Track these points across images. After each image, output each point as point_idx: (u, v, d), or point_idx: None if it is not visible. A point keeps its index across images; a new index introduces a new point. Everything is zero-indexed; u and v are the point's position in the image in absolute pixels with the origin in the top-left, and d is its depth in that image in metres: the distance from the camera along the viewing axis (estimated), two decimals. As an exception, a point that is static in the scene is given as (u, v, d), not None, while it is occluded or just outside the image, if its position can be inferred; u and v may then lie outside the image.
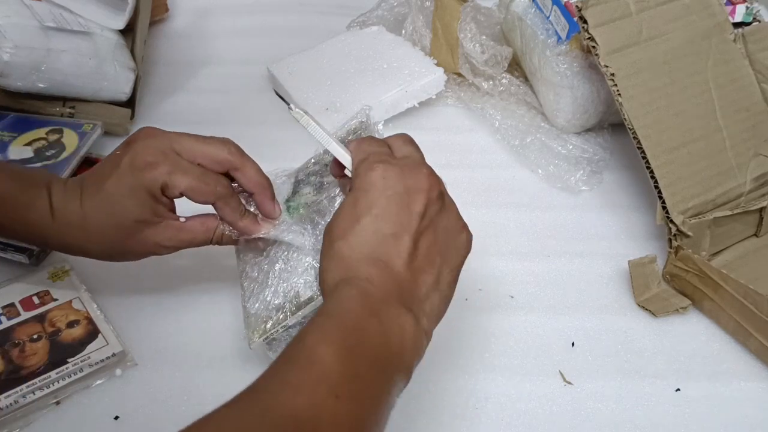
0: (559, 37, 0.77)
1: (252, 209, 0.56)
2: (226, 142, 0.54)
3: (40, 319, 0.59)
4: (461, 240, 0.48)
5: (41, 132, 0.74)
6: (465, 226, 0.49)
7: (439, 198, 0.47)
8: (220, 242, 0.56)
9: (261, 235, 0.55)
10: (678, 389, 0.58)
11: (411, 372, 0.43)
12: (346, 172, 0.51)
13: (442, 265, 0.46)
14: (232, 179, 0.55)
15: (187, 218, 0.55)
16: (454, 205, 0.49)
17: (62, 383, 0.55)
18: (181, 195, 0.52)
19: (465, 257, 0.48)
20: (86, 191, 0.52)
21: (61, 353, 0.56)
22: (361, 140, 0.50)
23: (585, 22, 0.67)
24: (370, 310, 0.42)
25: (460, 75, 0.86)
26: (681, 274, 0.64)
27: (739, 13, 0.82)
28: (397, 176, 0.46)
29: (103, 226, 0.52)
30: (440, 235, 0.46)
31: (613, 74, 0.66)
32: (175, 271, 0.65)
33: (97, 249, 0.54)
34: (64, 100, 0.78)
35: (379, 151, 0.48)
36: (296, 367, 0.38)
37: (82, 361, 0.56)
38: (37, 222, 0.52)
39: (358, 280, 0.43)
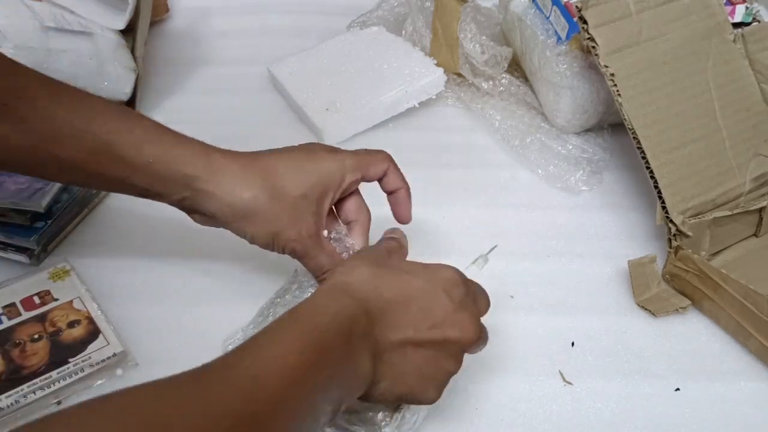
0: (559, 38, 0.77)
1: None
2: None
3: (41, 319, 0.59)
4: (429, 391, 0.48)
5: (42, 132, 0.74)
6: (443, 386, 0.49)
7: (466, 346, 0.49)
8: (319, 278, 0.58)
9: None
10: (678, 389, 0.58)
11: (349, 398, 0.44)
12: None
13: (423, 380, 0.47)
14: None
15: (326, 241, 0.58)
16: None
17: (63, 383, 0.55)
18: (380, 177, 0.57)
19: (416, 401, 0.49)
20: (262, 153, 0.55)
21: (62, 353, 0.56)
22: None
23: (585, 22, 0.67)
24: (349, 332, 0.43)
25: (460, 75, 0.86)
26: (681, 274, 0.64)
27: (739, 13, 0.82)
28: (469, 305, 0.49)
29: (279, 185, 0.53)
30: (439, 361, 0.47)
31: (612, 74, 0.66)
32: (176, 271, 0.65)
33: (243, 207, 0.53)
34: (65, 100, 0.78)
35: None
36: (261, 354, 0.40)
37: (83, 361, 0.56)
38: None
39: (358, 302, 0.44)
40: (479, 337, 0.49)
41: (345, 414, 0.49)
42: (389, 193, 0.59)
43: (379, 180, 0.58)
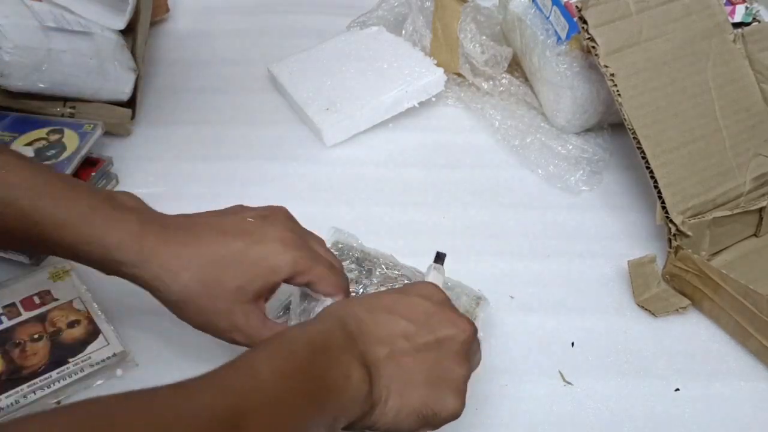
0: (559, 38, 0.77)
1: None
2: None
3: (41, 319, 0.59)
4: (449, 399, 0.45)
5: (42, 132, 0.74)
6: (462, 392, 0.46)
7: (465, 343, 0.47)
8: None
9: None
10: (678, 389, 0.58)
11: (346, 414, 0.42)
12: None
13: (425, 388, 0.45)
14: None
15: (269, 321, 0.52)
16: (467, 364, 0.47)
17: (63, 383, 0.55)
18: (305, 284, 0.51)
19: (440, 417, 0.46)
20: (203, 232, 0.50)
21: (61, 353, 0.56)
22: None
23: (585, 22, 0.67)
24: (324, 346, 0.43)
25: (460, 75, 0.86)
26: (681, 274, 0.64)
27: (739, 14, 0.82)
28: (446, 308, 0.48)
29: (212, 277, 0.49)
30: (441, 363, 0.46)
31: (612, 74, 0.66)
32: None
33: (179, 294, 0.49)
34: (65, 100, 0.78)
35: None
36: (237, 373, 0.39)
37: (83, 361, 0.56)
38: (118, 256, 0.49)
39: (331, 322, 0.44)
40: (471, 329, 0.47)
41: None
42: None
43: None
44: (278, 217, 0.53)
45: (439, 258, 0.56)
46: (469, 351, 0.47)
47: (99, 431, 0.33)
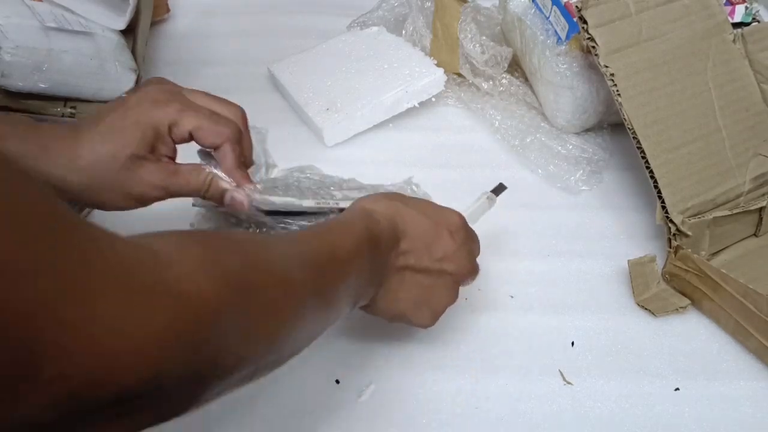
0: (559, 38, 0.77)
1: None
2: (237, 106, 0.56)
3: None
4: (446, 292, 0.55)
5: (42, 132, 0.74)
6: (438, 315, 0.55)
7: (460, 281, 0.56)
8: (207, 195, 0.55)
9: (252, 193, 0.55)
10: (677, 388, 0.58)
11: (365, 297, 0.51)
12: None
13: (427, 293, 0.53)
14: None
15: (182, 164, 0.54)
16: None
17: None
18: (189, 136, 0.53)
19: (412, 323, 0.55)
20: (85, 123, 0.51)
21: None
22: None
23: (585, 22, 0.67)
24: (377, 242, 0.49)
25: (460, 75, 0.86)
26: (680, 274, 0.64)
27: (739, 14, 0.82)
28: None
29: (96, 154, 0.50)
30: (434, 290, 0.54)
31: (612, 74, 0.66)
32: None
33: (79, 181, 0.50)
34: (66, 100, 0.78)
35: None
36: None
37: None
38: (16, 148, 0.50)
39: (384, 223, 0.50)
40: (472, 271, 0.55)
41: None
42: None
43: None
44: (150, 82, 0.55)
45: (498, 189, 0.62)
46: (460, 285, 0.55)
47: (251, 255, 0.39)
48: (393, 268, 0.51)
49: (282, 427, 0.54)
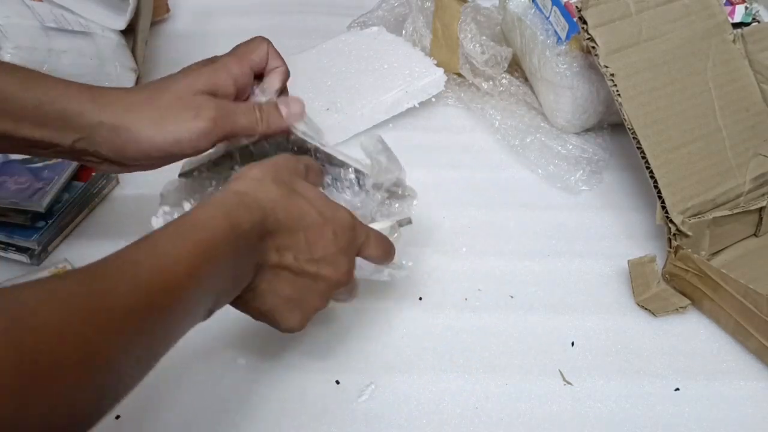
0: (559, 38, 0.77)
1: None
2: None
3: (42, 318, 0.59)
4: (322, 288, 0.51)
5: (42, 132, 0.74)
6: (307, 319, 0.52)
7: (335, 287, 0.51)
8: (263, 116, 0.59)
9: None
10: (677, 389, 0.58)
11: (227, 299, 0.47)
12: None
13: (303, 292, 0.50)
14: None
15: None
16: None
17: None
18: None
19: (279, 327, 0.51)
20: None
21: (62, 353, 0.56)
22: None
23: (585, 22, 0.67)
24: (237, 246, 0.44)
25: (460, 75, 0.86)
26: (680, 274, 0.64)
27: (739, 14, 0.82)
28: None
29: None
30: (308, 293, 0.50)
31: (612, 74, 0.66)
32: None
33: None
34: (65, 100, 0.78)
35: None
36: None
37: (83, 361, 0.56)
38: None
39: (255, 216, 0.46)
40: (347, 283, 0.51)
41: None
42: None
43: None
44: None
45: (403, 221, 0.60)
46: (335, 293, 0.52)
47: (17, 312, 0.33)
48: (267, 264, 0.47)
49: (282, 428, 0.54)
